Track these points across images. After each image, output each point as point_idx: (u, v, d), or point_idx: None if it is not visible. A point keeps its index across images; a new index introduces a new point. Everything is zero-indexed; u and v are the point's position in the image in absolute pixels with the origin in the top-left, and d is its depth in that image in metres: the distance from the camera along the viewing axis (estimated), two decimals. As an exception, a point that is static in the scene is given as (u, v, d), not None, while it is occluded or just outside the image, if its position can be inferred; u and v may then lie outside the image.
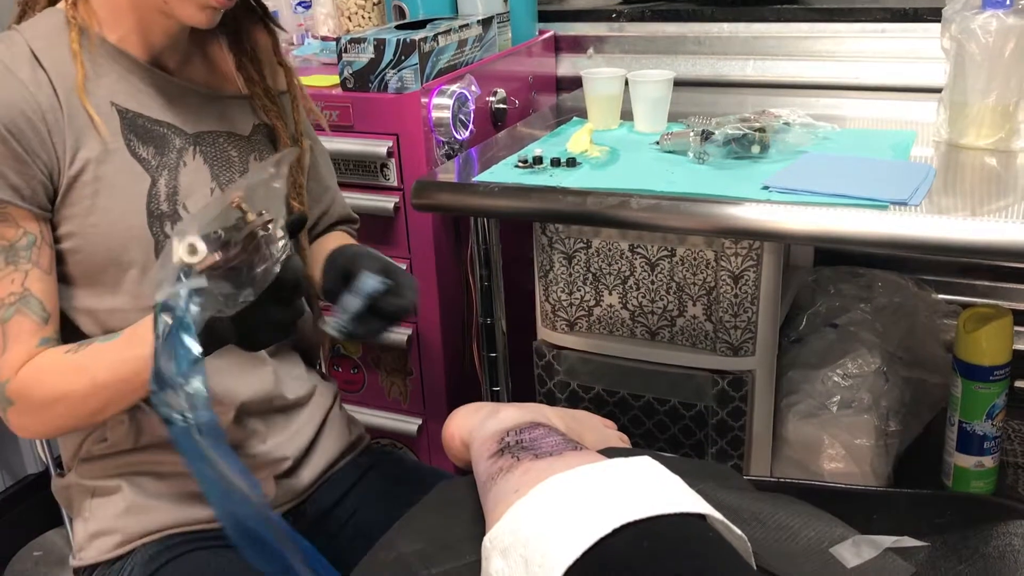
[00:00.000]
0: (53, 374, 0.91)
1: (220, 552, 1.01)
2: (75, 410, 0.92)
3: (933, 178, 1.21)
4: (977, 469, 1.47)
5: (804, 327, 1.61)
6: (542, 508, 0.71)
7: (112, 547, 1.00)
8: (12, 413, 0.93)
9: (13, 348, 0.91)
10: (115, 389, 0.90)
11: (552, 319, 1.52)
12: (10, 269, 0.91)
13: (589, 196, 1.23)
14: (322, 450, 1.15)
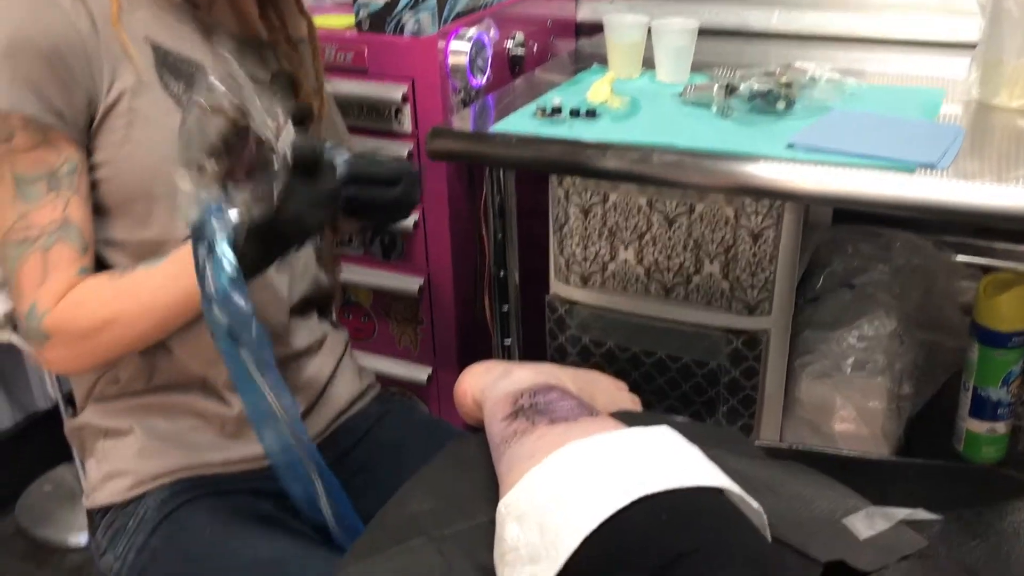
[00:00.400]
0: (97, 300, 0.91)
1: (231, 497, 1.01)
2: (120, 336, 0.91)
3: (962, 140, 1.18)
4: (989, 435, 1.46)
5: (821, 286, 1.59)
6: (558, 476, 0.71)
7: (125, 488, 1.00)
8: (49, 348, 0.92)
9: (53, 277, 0.90)
10: (164, 310, 0.90)
11: (565, 273, 1.50)
12: (52, 196, 0.90)
13: (609, 150, 1.21)
14: (334, 397, 1.15)
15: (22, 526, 1.97)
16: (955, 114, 1.29)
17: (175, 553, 0.95)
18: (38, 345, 0.92)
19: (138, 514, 0.99)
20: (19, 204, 0.89)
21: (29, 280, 0.90)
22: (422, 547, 0.80)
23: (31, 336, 0.92)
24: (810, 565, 0.81)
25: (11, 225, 0.89)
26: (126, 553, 0.97)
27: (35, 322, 0.91)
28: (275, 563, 0.93)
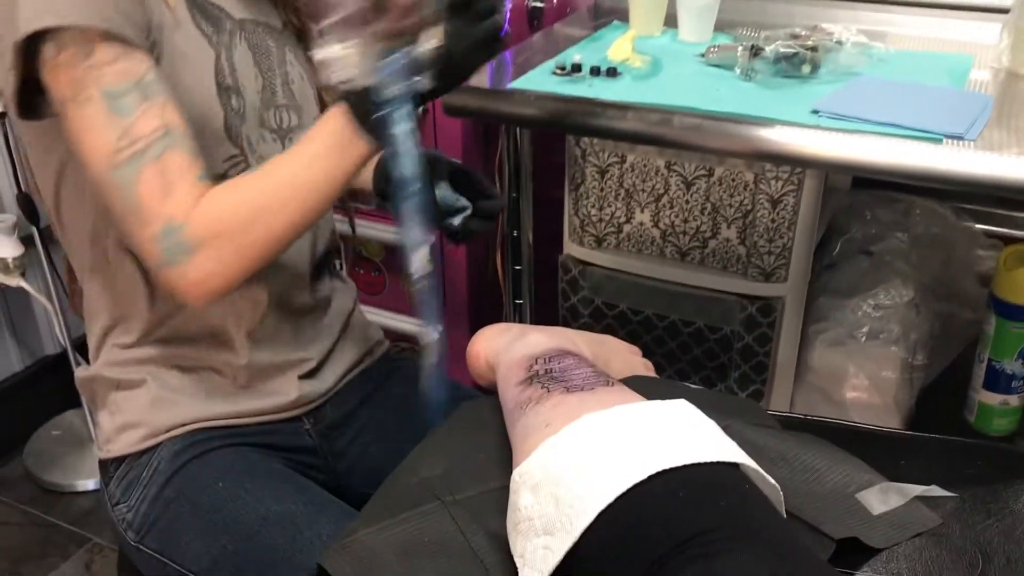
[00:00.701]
0: (239, 198, 0.86)
1: (243, 451, 1.01)
2: (270, 231, 0.87)
3: (991, 109, 1.15)
4: (1002, 407, 1.45)
5: (838, 253, 1.57)
6: (575, 448, 0.70)
7: (139, 439, 1.00)
8: (195, 262, 0.85)
9: (177, 187, 0.84)
10: (312, 192, 0.87)
11: (580, 234, 1.48)
12: (147, 104, 0.84)
13: (630, 111, 1.18)
14: (343, 353, 1.14)
15: (30, 470, 1.98)
16: (984, 82, 1.26)
17: (187, 505, 0.96)
18: (182, 264, 0.85)
19: (151, 465, 0.99)
20: (117, 120, 0.83)
21: (151, 197, 0.84)
22: (433, 512, 0.80)
23: (173, 255, 0.85)
24: (823, 541, 0.81)
25: (115, 146, 0.83)
26: (139, 504, 0.98)
27: (176, 237, 0.84)
28: (286, 519, 0.93)
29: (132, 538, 0.98)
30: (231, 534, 0.93)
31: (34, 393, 2.07)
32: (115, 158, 0.83)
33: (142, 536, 0.97)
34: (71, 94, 0.82)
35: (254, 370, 1.03)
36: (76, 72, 0.81)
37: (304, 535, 0.91)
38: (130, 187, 0.83)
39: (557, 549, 0.64)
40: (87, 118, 0.82)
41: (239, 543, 0.92)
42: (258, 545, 0.91)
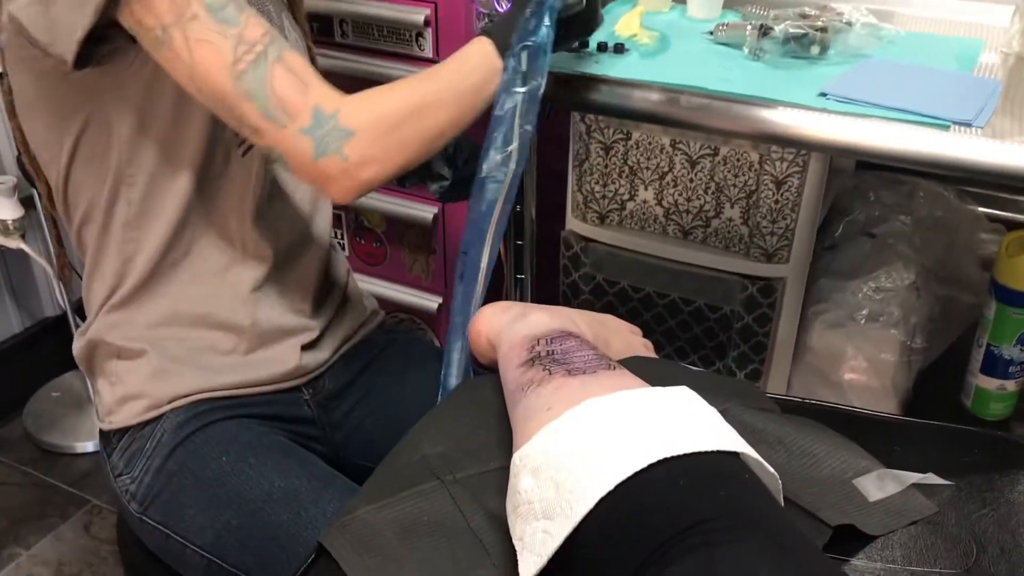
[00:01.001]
0: (399, 92, 0.89)
1: (246, 423, 1.02)
2: (429, 125, 0.90)
3: (998, 96, 1.15)
4: (999, 392, 1.46)
5: (840, 234, 1.57)
6: (576, 433, 0.70)
7: (141, 411, 1.01)
8: (353, 146, 0.85)
9: (314, 81, 0.84)
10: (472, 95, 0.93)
11: (583, 210, 1.48)
12: (246, 13, 0.83)
13: (636, 89, 1.17)
14: (341, 324, 1.15)
15: (30, 431, 1.99)
16: (993, 66, 1.26)
17: (191, 479, 0.96)
18: (338, 151, 0.85)
19: (155, 437, 0.99)
20: (227, 30, 0.81)
21: (290, 91, 0.83)
22: (433, 491, 0.80)
23: (329, 141, 0.84)
24: (819, 527, 0.81)
25: (234, 55, 0.82)
26: (142, 476, 0.98)
27: (330, 124, 0.84)
28: (291, 496, 0.93)
29: (135, 509, 0.98)
30: (235, 509, 0.93)
31: (34, 355, 2.07)
32: (238, 66, 0.82)
33: (145, 508, 0.98)
34: (173, 18, 0.80)
35: (257, 336, 1.03)
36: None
37: (309, 512, 0.92)
38: (264, 88, 0.82)
39: (556, 534, 0.65)
40: (198, 34, 0.81)
41: (243, 518, 0.93)
42: (263, 521, 0.92)
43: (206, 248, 1.01)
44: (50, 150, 0.97)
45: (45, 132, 0.96)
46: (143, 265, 0.99)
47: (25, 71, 0.92)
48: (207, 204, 0.99)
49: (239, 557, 0.93)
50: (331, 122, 0.84)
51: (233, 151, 0.99)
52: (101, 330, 1.03)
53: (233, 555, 0.93)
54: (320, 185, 0.87)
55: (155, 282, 1.00)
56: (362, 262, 1.72)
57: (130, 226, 0.98)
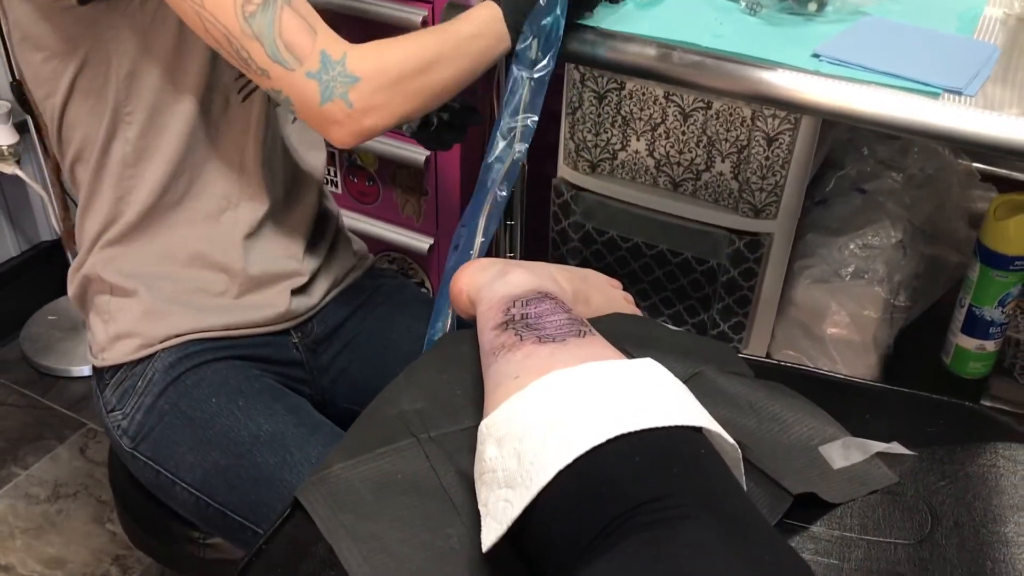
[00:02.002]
0: (402, 41, 0.90)
1: (236, 365, 1.04)
2: (435, 80, 0.91)
3: (995, 62, 1.13)
4: (978, 351, 1.48)
5: (831, 189, 1.57)
6: (539, 405, 0.72)
7: (133, 349, 1.02)
8: (357, 92, 0.86)
9: (321, 26, 0.86)
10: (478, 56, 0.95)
11: (574, 158, 1.48)
12: None
13: (630, 43, 1.16)
14: (331, 269, 1.16)
15: (26, 354, 2.02)
16: (993, 28, 1.24)
17: (181, 418, 0.99)
18: (344, 96, 0.86)
19: (146, 375, 1.01)
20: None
21: (298, 34, 0.84)
22: (408, 448, 0.83)
23: (335, 85, 0.85)
24: (781, 494, 0.84)
25: None
26: (134, 413, 1.01)
27: (337, 68, 0.85)
28: (277, 440, 0.96)
29: (127, 444, 1.01)
30: (222, 450, 0.96)
31: (30, 278, 2.09)
32: (247, 7, 0.82)
33: (137, 444, 1.00)
34: None
35: (248, 279, 1.05)
36: None
37: (294, 456, 0.95)
38: (272, 29, 0.83)
39: (516, 503, 0.67)
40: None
41: (231, 459, 0.96)
42: (249, 463, 0.95)
43: (203, 191, 1.01)
44: (46, 86, 0.96)
45: (41, 66, 0.95)
46: (138, 205, 1.00)
47: (25, 2, 0.91)
48: (205, 148, 1.00)
49: (226, 496, 0.96)
50: (337, 67, 0.85)
51: (232, 96, 0.99)
52: (94, 265, 1.04)
53: (221, 494, 0.96)
54: (323, 129, 0.89)
55: (150, 221, 1.01)
56: (355, 200, 1.73)
57: (126, 164, 0.98)
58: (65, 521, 1.68)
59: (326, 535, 0.75)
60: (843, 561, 0.80)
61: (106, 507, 1.69)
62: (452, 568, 0.72)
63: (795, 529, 0.84)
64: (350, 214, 1.69)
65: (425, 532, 0.76)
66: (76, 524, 1.68)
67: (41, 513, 1.69)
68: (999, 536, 0.82)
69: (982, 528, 0.83)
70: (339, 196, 1.73)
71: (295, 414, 1.00)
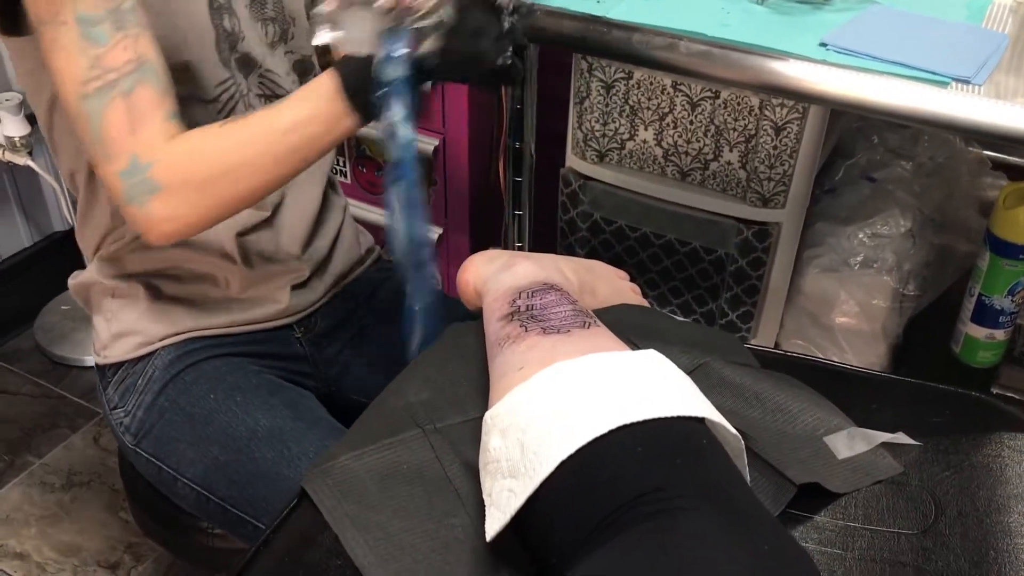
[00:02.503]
0: (216, 147, 0.84)
1: (236, 361, 1.04)
2: (242, 187, 0.85)
3: (1004, 50, 1.13)
4: (988, 341, 1.47)
5: (840, 177, 1.57)
6: (543, 396, 0.72)
7: (134, 347, 1.04)
8: (158, 203, 0.83)
9: (144, 126, 0.82)
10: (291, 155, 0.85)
11: (583, 148, 1.48)
12: (121, 36, 0.81)
13: (636, 33, 1.16)
14: (334, 264, 1.16)
15: (40, 344, 2.04)
16: (1003, 15, 1.23)
17: (181, 415, 1.00)
18: (145, 204, 0.84)
19: (147, 373, 1.03)
20: (89, 48, 0.80)
21: (118, 131, 0.82)
22: (414, 439, 0.83)
23: (136, 192, 0.83)
24: (785, 485, 0.84)
25: (86, 75, 0.81)
26: (135, 410, 1.02)
27: (141, 175, 0.82)
28: (275, 435, 0.97)
29: (129, 441, 1.02)
30: (221, 446, 0.97)
31: (43, 269, 2.11)
32: (85, 88, 0.81)
33: (138, 440, 1.01)
34: (48, 16, 0.80)
35: (247, 276, 1.05)
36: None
37: (292, 451, 0.95)
38: (97, 119, 0.82)
39: (520, 493, 0.68)
40: (60, 42, 0.80)
41: (230, 455, 0.96)
42: (247, 458, 0.96)
43: None
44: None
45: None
46: None
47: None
48: None
49: (227, 491, 0.97)
50: (143, 174, 0.82)
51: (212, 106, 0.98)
52: (95, 273, 1.05)
53: (221, 489, 0.97)
54: (131, 226, 0.88)
55: None
56: (363, 190, 1.73)
57: None
58: (79, 509, 1.70)
59: (332, 524, 0.76)
60: (846, 551, 0.81)
61: (119, 495, 1.71)
62: (456, 557, 0.73)
63: (799, 519, 0.84)
64: (359, 204, 1.69)
65: (430, 522, 0.76)
66: (90, 512, 1.69)
67: (55, 501, 1.71)
68: (1003, 526, 0.82)
69: (986, 518, 0.83)
70: (348, 186, 1.74)
71: (294, 408, 1.01)
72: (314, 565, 0.75)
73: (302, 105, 0.85)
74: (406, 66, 0.80)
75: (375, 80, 0.80)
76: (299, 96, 0.85)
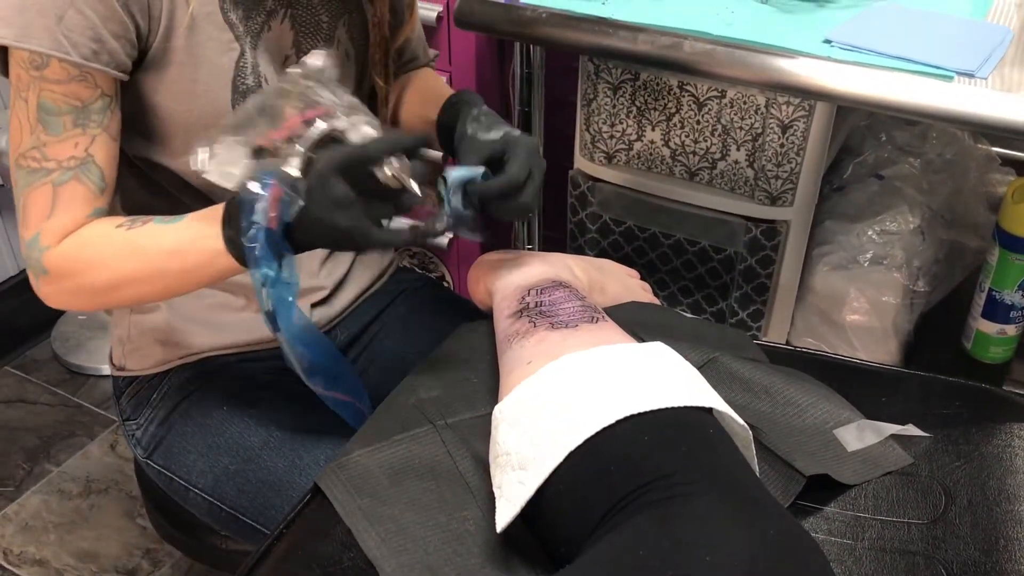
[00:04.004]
0: (106, 252, 0.85)
1: (249, 376, 1.04)
2: (122, 295, 0.87)
3: (1009, 43, 1.13)
4: (999, 336, 1.47)
5: (849, 175, 1.57)
6: (551, 388, 0.73)
7: (152, 364, 1.04)
8: (43, 282, 0.87)
9: (61, 214, 0.84)
10: (177, 276, 0.84)
11: (591, 149, 1.49)
12: (77, 132, 0.83)
13: (641, 33, 1.17)
14: (355, 279, 1.15)
15: (57, 353, 2.06)
16: (1007, 10, 1.23)
17: (192, 427, 1.00)
18: (33, 275, 0.88)
19: (162, 388, 1.03)
20: (39, 132, 0.83)
21: (36, 210, 0.85)
22: (425, 435, 0.84)
23: (29, 265, 0.87)
24: (794, 476, 0.85)
25: (25, 151, 0.84)
26: (148, 424, 1.02)
27: (36, 253, 0.86)
28: (286, 445, 0.97)
29: (141, 454, 1.03)
30: (232, 456, 0.97)
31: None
32: (23, 160, 0.84)
33: (150, 453, 1.02)
34: (14, 87, 0.83)
35: None
36: (25, 74, 0.82)
37: (303, 460, 0.96)
38: (23, 191, 0.85)
39: (529, 484, 0.69)
40: (18, 112, 0.83)
41: (240, 464, 0.97)
42: (259, 467, 0.96)
43: None
44: None
45: None
46: None
47: None
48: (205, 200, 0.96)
49: (236, 500, 0.97)
50: (37, 252, 0.85)
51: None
52: None
53: (231, 498, 0.98)
54: None
55: None
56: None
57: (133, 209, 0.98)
58: (97, 516, 1.71)
59: (344, 518, 0.77)
60: (856, 540, 0.81)
61: (136, 502, 1.72)
62: (468, 549, 0.74)
63: (809, 510, 0.85)
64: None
65: (441, 515, 0.77)
66: (108, 519, 1.71)
67: (74, 508, 1.73)
68: (1013, 515, 0.82)
69: (996, 507, 0.83)
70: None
71: (306, 420, 1.01)
72: (327, 557, 0.76)
73: (189, 230, 0.82)
74: (263, 215, 0.74)
75: (245, 222, 0.75)
76: (192, 218, 0.83)
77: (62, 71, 0.81)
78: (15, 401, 1.97)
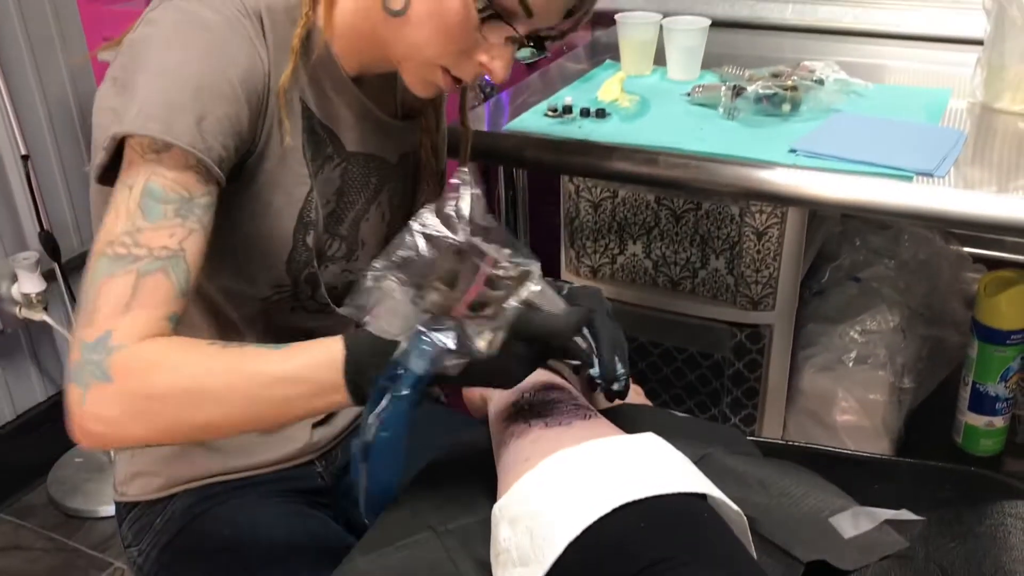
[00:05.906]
0: (189, 354, 0.76)
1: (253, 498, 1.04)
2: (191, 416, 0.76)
3: (963, 145, 1.20)
4: (987, 428, 1.49)
5: (827, 279, 1.62)
6: (548, 483, 0.75)
7: (155, 489, 1.03)
8: (95, 392, 0.73)
9: (138, 310, 0.75)
10: (265, 404, 0.77)
11: (576, 264, 1.54)
12: (177, 222, 0.78)
13: (616, 151, 1.24)
14: None
15: (53, 497, 2.05)
16: (960, 116, 1.31)
17: (194, 553, 0.99)
18: (80, 388, 0.74)
19: (166, 514, 1.02)
20: (136, 218, 0.77)
21: (110, 303, 0.75)
22: (427, 540, 0.85)
23: (86, 372, 0.73)
24: (793, 564, 0.86)
25: (115, 238, 0.77)
26: (150, 550, 1.02)
27: (102, 355, 0.73)
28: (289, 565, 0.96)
29: None
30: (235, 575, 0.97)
31: (57, 422, 2.09)
32: (109, 248, 0.77)
33: None
34: (121, 179, 0.80)
35: None
36: (139, 159, 0.80)
37: None
38: (99, 280, 0.76)
39: (532, 578, 0.70)
40: (118, 201, 0.79)
41: None
42: None
43: None
44: None
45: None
46: None
47: None
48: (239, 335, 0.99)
49: None
50: (103, 354, 0.73)
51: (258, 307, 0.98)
52: None
53: None
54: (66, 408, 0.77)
55: None
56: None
57: None
58: (94, 661, 1.67)
59: (350, 624, 0.77)
60: (859, 624, 0.81)
61: (134, 644, 1.69)
62: (473, 650, 0.74)
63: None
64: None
65: (445, 618, 0.78)
66: (105, 663, 1.67)
67: (70, 654, 1.69)
68: (1010, 590, 0.83)
69: (993, 584, 0.84)
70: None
71: (310, 538, 1.00)
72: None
73: (299, 358, 0.77)
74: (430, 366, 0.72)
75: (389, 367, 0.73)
76: (303, 346, 0.77)
77: (181, 157, 0.79)
78: (10, 548, 1.95)
